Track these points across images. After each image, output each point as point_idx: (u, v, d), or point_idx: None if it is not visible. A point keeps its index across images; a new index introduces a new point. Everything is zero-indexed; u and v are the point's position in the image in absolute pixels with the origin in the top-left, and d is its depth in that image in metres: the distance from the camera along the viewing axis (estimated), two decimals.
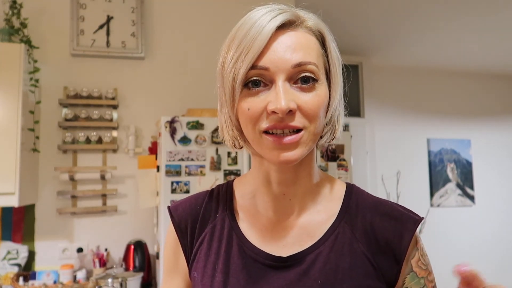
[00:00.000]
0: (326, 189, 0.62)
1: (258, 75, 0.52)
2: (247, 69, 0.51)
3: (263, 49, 0.51)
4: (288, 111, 0.49)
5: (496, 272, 4.16)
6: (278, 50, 0.51)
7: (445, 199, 4.14)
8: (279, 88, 0.50)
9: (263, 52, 0.51)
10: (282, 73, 0.51)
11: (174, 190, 1.88)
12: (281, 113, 0.49)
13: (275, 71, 0.51)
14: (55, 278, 1.98)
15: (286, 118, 0.50)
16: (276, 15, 0.52)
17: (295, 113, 0.51)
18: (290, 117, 0.50)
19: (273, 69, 0.51)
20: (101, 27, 2.28)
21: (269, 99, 0.51)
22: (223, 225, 0.62)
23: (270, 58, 0.51)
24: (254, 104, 0.52)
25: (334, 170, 2.30)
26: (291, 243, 0.58)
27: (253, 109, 0.52)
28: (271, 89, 0.51)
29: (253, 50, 0.51)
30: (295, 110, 0.50)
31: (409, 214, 0.59)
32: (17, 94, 1.84)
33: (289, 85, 0.51)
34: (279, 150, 0.51)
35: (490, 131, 4.41)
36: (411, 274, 0.57)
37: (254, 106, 0.52)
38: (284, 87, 0.51)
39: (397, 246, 0.56)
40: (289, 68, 0.51)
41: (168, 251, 0.67)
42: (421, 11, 2.86)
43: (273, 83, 0.51)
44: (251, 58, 0.51)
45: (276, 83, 0.51)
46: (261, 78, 0.52)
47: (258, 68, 0.51)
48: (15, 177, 1.78)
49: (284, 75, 0.51)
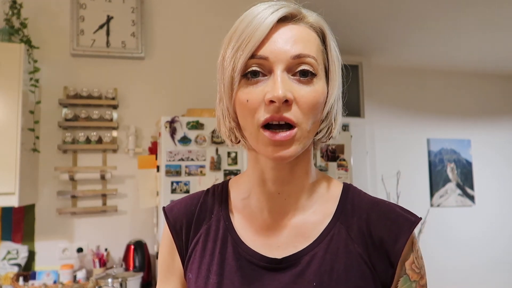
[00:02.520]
0: (323, 188, 0.62)
1: (257, 65, 0.52)
2: (247, 58, 0.51)
3: (263, 40, 0.51)
4: (285, 100, 0.49)
5: (497, 272, 4.16)
6: (278, 41, 0.52)
7: (445, 199, 4.14)
8: (277, 77, 0.50)
9: (263, 42, 0.51)
10: (281, 63, 0.51)
11: (174, 190, 1.88)
12: (278, 101, 0.49)
13: (274, 61, 0.51)
14: (55, 278, 1.98)
15: (283, 108, 0.50)
16: (278, 8, 0.53)
17: (292, 104, 0.51)
18: (286, 107, 0.50)
19: (272, 59, 0.51)
20: (101, 27, 2.28)
21: (267, 89, 0.51)
22: (218, 225, 0.62)
23: (270, 48, 0.51)
24: (252, 95, 0.52)
25: (334, 170, 2.30)
26: (286, 244, 0.58)
27: (252, 101, 0.52)
28: (269, 78, 0.52)
29: (254, 40, 0.51)
30: (292, 101, 0.50)
31: (406, 215, 0.58)
32: (17, 94, 1.84)
33: (287, 76, 0.52)
34: (274, 147, 0.51)
35: (490, 131, 4.41)
36: (404, 277, 0.56)
37: (253, 98, 0.52)
38: (282, 77, 0.51)
39: (392, 248, 0.55)
40: (288, 58, 0.51)
41: (163, 253, 0.66)
42: (421, 11, 2.86)
43: (271, 73, 0.52)
44: (251, 47, 0.51)
45: (275, 73, 0.51)
46: (260, 68, 0.52)
47: (257, 57, 0.51)
48: (15, 177, 1.78)
49: (283, 66, 0.51)
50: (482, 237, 4.18)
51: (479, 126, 4.38)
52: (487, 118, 4.43)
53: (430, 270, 3.97)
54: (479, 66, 4.18)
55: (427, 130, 4.18)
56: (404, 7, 2.78)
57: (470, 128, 4.33)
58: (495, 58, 3.93)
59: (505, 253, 4.23)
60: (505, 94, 4.54)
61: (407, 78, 4.17)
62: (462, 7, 2.79)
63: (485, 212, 4.24)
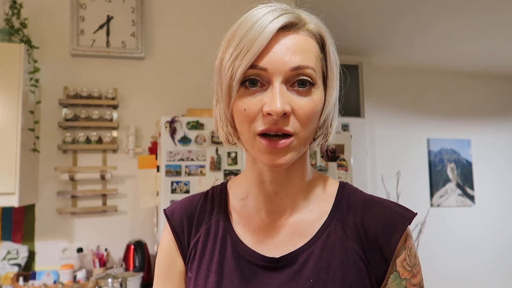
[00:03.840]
0: (319, 187, 0.62)
1: (256, 75, 0.52)
2: (246, 68, 0.51)
3: (263, 50, 0.51)
4: (283, 114, 0.50)
5: (496, 272, 4.16)
6: (278, 52, 0.51)
7: (445, 199, 4.14)
8: (276, 90, 0.50)
9: (263, 53, 0.51)
10: (279, 75, 0.51)
11: (174, 190, 1.88)
12: (276, 115, 0.49)
13: (273, 72, 0.51)
14: (55, 278, 1.98)
15: (280, 121, 0.50)
16: (278, 15, 0.52)
17: (289, 116, 0.51)
18: (284, 120, 0.51)
19: (271, 70, 0.51)
20: (101, 27, 2.28)
21: (265, 100, 0.51)
22: (218, 226, 0.63)
23: (269, 59, 0.51)
24: (250, 105, 0.52)
25: (334, 170, 2.30)
26: (284, 243, 0.59)
27: (249, 110, 0.52)
28: (268, 90, 0.52)
29: (253, 49, 0.51)
30: (290, 114, 0.51)
31: (401, 211, 0.58)
32: (17, 94, 1.84)
33: (286, 88, 0.52)
34: (270, 155, 0.52)
35: (490, 131, 4.41)
36: (394, 273, 0.56)
37: (250, 107, 0.52)
38: (281, 89, 0.51)
39: (386, 244, 0.56)
40: (287, 70, 0.51)
41: (163, 255, 0.66)
42: (421, 11, 2.86)
43: (270, 84, 0.52)
44: (251, 57, 0.51)
45: (273, 85, 0.51)
46: (258, 78, 0.52)
47: (256, 68, 0.51)
48: (15, 177, 1.78)
49: (282, 77, 0.51)
50: (482, 237, 4.18)
51: (479, 126, 4.38)
52: (487, 118, 4.43)
53: (430, 270, 3.98)
54: (479, 66, 4.18)
55: (427, 130, 4.18)
56: (404, 7, 2.78)
57: (470, 128, 4.33)
58: (496, 58, 3.93)
59: (505, 253, 4.23)
60: (505, 94, 4.54)
61: (407, 78, 4.17)
62: (462, 7, 2.79)
63: (485, 212, 4.24)
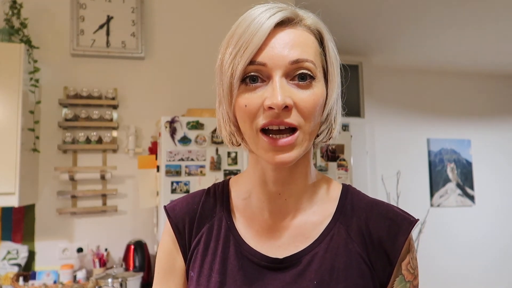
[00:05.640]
0: (322, 189, 0.62)
1: (256, 71, 0.52)
2: (245, 65, 0.51)
3: (261, 45, 0.51)
4: (284, 106, 0.50)
5: (496, 272, 4.16)
6: (276, 47, 0.52)
7: (445, 199, 4.14)
8: (276, 83, 0.50)
9: (261, 48, 0.51)
10: (279, 69, 0.51)
11: (174, 190, 1.88)
12: (277, 108, 0.49)
13: (273, 67, 0.51)
14: (55, 278, 1.98)
15: (282, 114, 0.50)
16: (275, 12, 0.53)
17: (291, 109, 0.51)
18: (286, 113, 0.50)
19: (270, 65, 0.51)
20: (101, 27, 2.28)
21: (266, 95, 0.51)
22: (220, 225, 0.62)
23: (268, 54, 0.51)
24: (251, 100, 0.52)
25: (334, 170, 2.30)
26: (287, 244, 0.59)
27: (250, 106, 0.52)
28: (268, 85, 0.52)
29: (252, 46, 0.51)
30: (291, 107, 0.51)
31: (404, 215, 0.59)
32: (17, 94, 1.84)
33: (286, 82, 0.52)
34: (274, 152, 0.52)
35: (490, 131, 4.41)
36: (400, 277, 0.57)
37: (251, 103, 0.52)
38: (281, 83, 0.51)
39: (391, 247, 0.56)
40: (286, 64, 0.51)
41: (163, 253, 0.65)
42: (421, 11, 2.86)
43: (270, 79, 0.52)
44: (250, 53, 0.51)
45: (273, 79, 0.51)
46: (258, 73, 0.52)
47: (256, 63, 0.51)
48: (15, 177, 1.78)
49: (281, 71, 0.51)
50: (482, 237, 4.18)
51: (479, 126, 4.38)
52: (487, 118, 4.43)
53: (430, 270, 3.98)
54: (479, 66, 4.17)
55: (427, 130, 4.18)
56: (405, 7, 2.78)
57: (470, 128, 4.33)
58: (496, 58, 3.93)
59: (505, 253, 4.23)
60: (505, 94, 4.54)
61: (407, 78, 4.17)
62: (462, 7, 2.79)
63: (485, 212, 4.24)
